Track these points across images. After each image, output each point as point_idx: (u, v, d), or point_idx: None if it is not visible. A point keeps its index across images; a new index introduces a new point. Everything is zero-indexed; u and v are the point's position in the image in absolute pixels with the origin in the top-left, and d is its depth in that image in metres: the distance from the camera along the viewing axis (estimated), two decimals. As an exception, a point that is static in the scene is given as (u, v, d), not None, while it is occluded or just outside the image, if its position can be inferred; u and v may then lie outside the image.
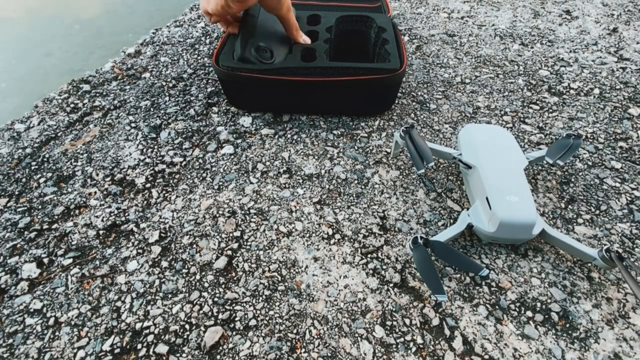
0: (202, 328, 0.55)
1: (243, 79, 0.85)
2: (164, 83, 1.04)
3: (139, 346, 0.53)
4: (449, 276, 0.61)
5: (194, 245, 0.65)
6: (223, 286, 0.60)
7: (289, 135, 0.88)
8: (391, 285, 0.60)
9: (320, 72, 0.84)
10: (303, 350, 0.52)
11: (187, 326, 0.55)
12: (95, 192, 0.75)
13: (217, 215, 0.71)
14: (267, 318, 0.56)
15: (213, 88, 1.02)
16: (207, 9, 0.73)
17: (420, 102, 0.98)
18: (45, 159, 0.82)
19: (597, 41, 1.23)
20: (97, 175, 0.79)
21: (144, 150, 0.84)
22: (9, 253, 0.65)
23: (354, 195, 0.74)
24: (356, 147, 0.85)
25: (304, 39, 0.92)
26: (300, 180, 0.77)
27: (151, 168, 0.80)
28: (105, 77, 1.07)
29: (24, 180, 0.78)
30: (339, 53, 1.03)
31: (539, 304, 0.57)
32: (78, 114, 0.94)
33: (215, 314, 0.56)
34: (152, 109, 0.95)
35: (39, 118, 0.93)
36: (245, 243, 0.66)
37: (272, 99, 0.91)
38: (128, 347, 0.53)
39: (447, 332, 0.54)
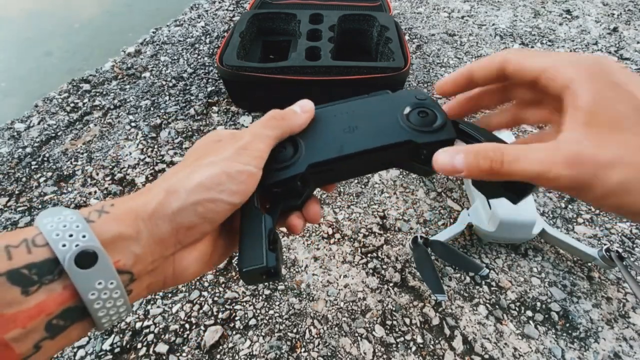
0: (202, 327, 0.55)
1: (247, 78, 0.84)
2: (164, 82, 1.04)
3: (139, 345, 0.53)
4: (449, 276, 0.61)
5: (194, 245, 0.65)
6: (223, 285, 0.60)
7: (289, 135, 0.88)
8: (391, 284, 0.60)
9: (325, 71, 0.84)
10: (303, 349, 0.52)
11: (187, 325, 0.55)
12: (96, 192, 0.75)
13: (217, 214, 0.70)
14: (267, 317, 0.56)
15: (213, 87, 1.02)
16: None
17: (421, 102, 0.98)
18: (46, 159, 0.82)
19: (597, 41, 1.22)
20: (97, 174, 0.79)
21: (144, 149, 0.84)
22: (9, 252, 0.65)
23: (354, 195, 0.74)
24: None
25: None
26: (300, 180, 0.77)
27: (151, 167, 0.80)
28: (105, 77, 1.07)
29: (24, 179, 0.78)
30: (341, 52, 1.03)
31: (539, 304, 0.57)
32: (78, 114, 0.94)
33: (215, 313, 0.56)
34: (152, 109, 0.95)
35: (39, 117, 0.93)
36: (245, 242, 0.66)
37: (276, 99, 0.91)
38: (128, 346, 0.53)
39: (447, 331, 0.54)
